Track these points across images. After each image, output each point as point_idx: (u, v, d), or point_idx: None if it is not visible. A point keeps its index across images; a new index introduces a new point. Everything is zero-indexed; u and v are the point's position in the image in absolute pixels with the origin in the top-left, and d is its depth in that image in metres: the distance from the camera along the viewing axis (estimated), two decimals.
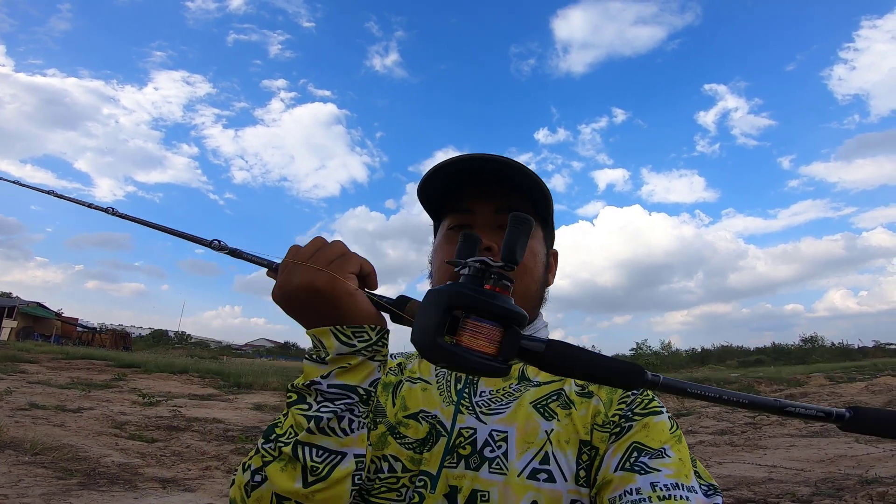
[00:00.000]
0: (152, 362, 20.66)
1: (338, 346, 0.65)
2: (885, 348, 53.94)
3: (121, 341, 45.24)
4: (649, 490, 0.67)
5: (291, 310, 0.68)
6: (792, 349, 55.93)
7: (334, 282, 0.63)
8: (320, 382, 0.66)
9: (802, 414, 0.49)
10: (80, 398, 11.60)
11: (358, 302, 0.65)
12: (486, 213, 0.89)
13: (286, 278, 0.66)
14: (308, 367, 0.68)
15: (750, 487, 5.56)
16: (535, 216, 0.90)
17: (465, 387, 0.86)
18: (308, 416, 0.65)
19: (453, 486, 0.75)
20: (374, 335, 0.67)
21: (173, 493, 5.49)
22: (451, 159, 0.86)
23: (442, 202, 0.95)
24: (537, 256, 0.90)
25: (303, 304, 0.66)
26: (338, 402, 0.65)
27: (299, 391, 0.68)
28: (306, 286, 0.64)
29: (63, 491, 5.18)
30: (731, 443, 8.75)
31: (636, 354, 57.30)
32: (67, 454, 6.61)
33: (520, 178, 0.87)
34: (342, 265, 0.65)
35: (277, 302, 0.68)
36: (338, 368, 0.66)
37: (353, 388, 0.66)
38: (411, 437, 0.82)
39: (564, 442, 0.77)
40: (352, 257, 0.66)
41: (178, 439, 8.29)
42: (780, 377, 21.77)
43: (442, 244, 0.93)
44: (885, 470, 5.64)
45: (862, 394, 16.14)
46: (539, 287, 0.91)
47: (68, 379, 15.24)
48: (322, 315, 0.66)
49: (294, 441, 0.65)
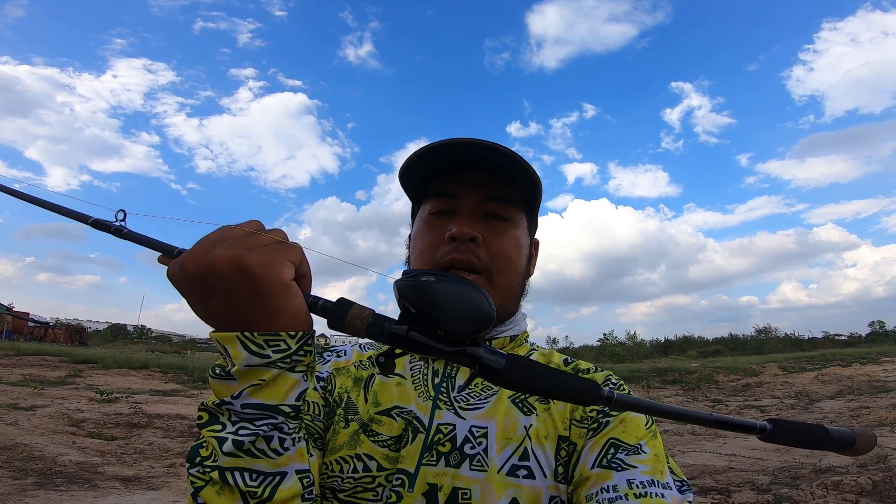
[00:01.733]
0: (110, 358, 19.89)
1: (246, 357, 0.53)
2: (834, 339, 56.67)
3: (76, 336, 43.52)
4: (626, 487, 0.67)
5: (200, 294, 0.53)
6: (747, 340, 58.21)
7: (269, 264, 0.50)
8: (232, 403, 0.54)
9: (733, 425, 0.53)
10: (32, 395, 11.12)
11: (291, 296, 0.52)
12: (472, 200, 0.84)
13: (203, 250, 0.52)
14: (214, 385, 0.56)
15: (712, 476, 5.76)
16: (522, 206, 0.88)
17: (443, 381, 0.83)
18: (221, 437, 0.55)
19: (432, 485, 0.72)
20: (294, 343, 0.54)
21: (136, 492, 5.33)
22: (441, 141, 0.81)
23: (425, 184, 0.89)
24: (521, 249, 0.87)
25: (219, 289, 0.51)
26: (259, 423, 0.55)
27: (210, 410, 0.57)
28: (231, 262, 0.50)
29: (19, 491, 4.97)
30: (694, 432, 9.03)
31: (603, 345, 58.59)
32: (22, 453, 6.34)
33: (511, 166, 0.82)
34: (282, 250, 0.52)
35: (180, 282, 0.53)
36: (250, 386, 0.54)
37: (274, 407, 0.55)
38: (385, 435, 0.78)
39: (543, 437, 0.76)
40: (294, 246, 0.54)
41: (139, 436, 8.04)
42: (736, 367, 22.61)
43: (423, 230, 0.87)
44: (838, 460, 5.89)
45: (813, 383, 16.88)
46: (521, 280, 0.88)
47: (20, 376, 14.58)
48: (240, 308, 0.52)
49: (216, 466, 0.55)
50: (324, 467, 0.77)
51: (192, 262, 0.52)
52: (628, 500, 0.65)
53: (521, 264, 0.87)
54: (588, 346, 61.96)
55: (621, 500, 0.66)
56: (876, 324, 63.40)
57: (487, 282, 0.81)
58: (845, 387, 15.14)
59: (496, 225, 0.83)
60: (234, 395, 0.54)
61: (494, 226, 0.83)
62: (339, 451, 0.77)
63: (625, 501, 0.65)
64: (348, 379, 0.87)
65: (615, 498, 0.66)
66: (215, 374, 0.56)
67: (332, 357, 0.91)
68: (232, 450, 0.54)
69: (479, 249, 0.81)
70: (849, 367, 20.43)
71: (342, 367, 0.89)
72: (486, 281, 0.81)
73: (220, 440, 0.54)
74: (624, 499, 0.66)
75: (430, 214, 0.86)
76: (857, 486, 4.71)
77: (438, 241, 0.82)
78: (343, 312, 0.54)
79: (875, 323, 63.64)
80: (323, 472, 0.77)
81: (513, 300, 0.87)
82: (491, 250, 0.81)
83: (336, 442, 0.78)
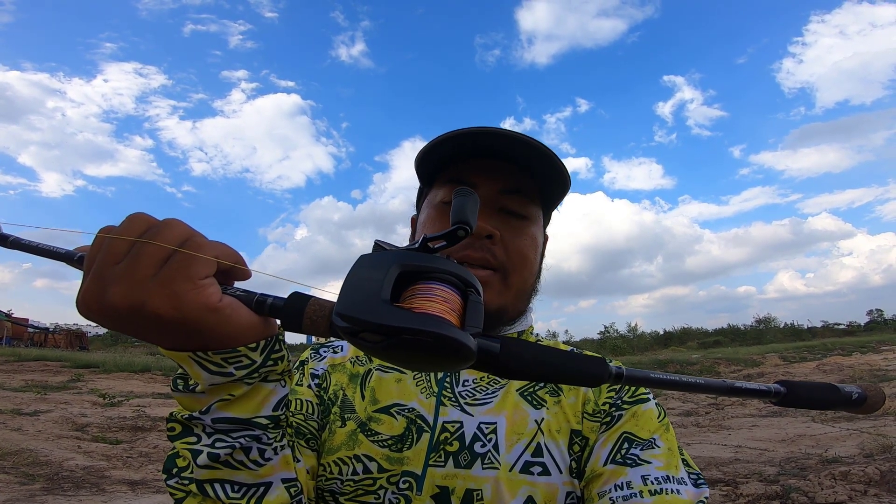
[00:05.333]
0: (111, 362, 19.86)
1: (207, 377, 0.46)
2: (833, 328, 56.77)
3: (76, 341, 43.35)
4: (640, 484, 0.66)
5: (124, 330, 0.44)
6: (747, 330, 58.33)
7: (180, 301, 0.40)
8: (201, 418, 0.49)
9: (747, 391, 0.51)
10: (36, 401, 11.07)
11: (227, 318, 0.43)
12: (489, 192, 0.78)
13: (97, 288, 0.41)
14: (179, 399, 0.51)
15: (719, 468, 5.76)
16: (539, 200, 0.84)
17: (447, 375, 0.79)
18: (195, 450, 0.50)
19: (443, 487, 0.69)
20: (258, 356, 0.47)
21: (143, 496, 5.32)
22: (464, 129, 0.76)
23: (438, 168, 0.84)
24: (538, 247, 0.84)
25: (139, 328, 0.43)
26: (235, 436, 0.50)
27: (181, 423, 0.52)
28: (135, 310, 0.40)
29: (27, 497, 4.95)
30: (698, 424, 9.03)
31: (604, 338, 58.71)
32: (28, 459, 6.31)
33: (536, 159, 0.77)
34: (186, 269, 0.41)
35: (94, 319, 0.43)
36: (218, 402, 0.48)
37: (248, 420, 0.50)
38: (385, 434, 0.74)
39: (556, 431, 0.74)
40: (201, 249, 0.42)
41: (144, 440, 8.02)
42: (737, 358, 22.63)
43: (434, 219, 0.81)
44: (844, 449, 5.91)
45: (814, 373, 16.91)
46: (535, 279, 0.86)
47: (22, 382, 14.54)
48: (179, 340, 0.44)
49: (193, 479, 0.52)
50: (321, 469, 0.74)
51: (89, 309, 0.42)
52: (643, 497, 0.64)
53: (537, 263, 0.85)
54: (588, 339, 62.19)
55: (636, 498, 0.65)
56: (875, 312, 63.64)
57: (502, 280, 0.78)
58: (847, 376, 15.14)
59: (514, 222, 0.80)
60: (202, 411, 0.49)
61: (512, 223, 0.79)
62: (336, 452, 0.74)
63: (640, 499, 0.64)
64: (344, 375, 0.83)
65: (630, 495, 0.65)
66: (178, 388, 0.50)
67: (328, 353, 0.88)
68: (207, 462, 0.50)
69: (496, 247, 0.77)
70: (849, 357, 20.45)
71: (338, 364, 0.85)
72: (500, 279, 0.78)
73: (195, 453, 0.50)
74: (639, 496, 0.65)
75: (442, 202, 0.81)
76: (865, 475, 4.72)
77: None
78: (298, 309, 0.44)
79: (874, 311, 63.89)
80: (321, 474, 0.74)
81: (525, 300, 0.84)
82: (507, 248, 0.78)
83: (333, 442, 0.75)
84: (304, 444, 0.73)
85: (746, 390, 0.51)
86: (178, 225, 0.43)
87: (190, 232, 0.43)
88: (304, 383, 0.82)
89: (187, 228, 0.43)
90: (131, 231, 0.42)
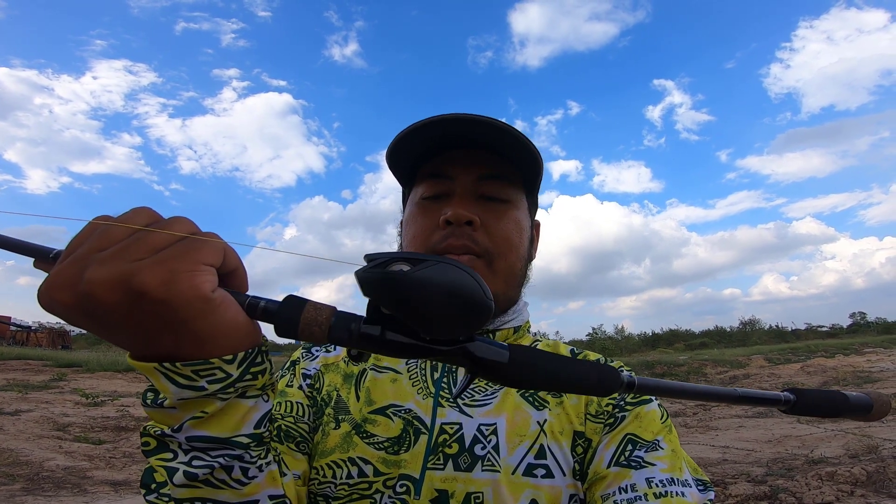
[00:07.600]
0: (95, 361, 19.58)
1: (175, 392, 0.41)
2: (817, 330, 57.73)
3: (59, 340, 42.81)
4: (645, 486, 0.64)
5: (90, 328, 0.39)
6: (733, 332, 59.16)
7: (174, 279, 0.36)
8: (174, 436, 0.44)
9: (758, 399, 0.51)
10: (16, 400, 10.88)
11: (218, 311, 0.39)
12: (467, 181, 0.77)
13: (73, 271, 0.37)
14: (150, 414, 0.46)
15: (707, 468, 5.79)
16: (522, 185, 0.82)
17: (443, 376, 0.76)
18: (171, 468, 0.45)
19: (442, 491, 0.67)
20: (235, 369, 0.42)
21: (126, 496, 5.23)
22: (431, 118, 0.73)
23: (416, 166, 0.81)
24: (523, 231, 0.81)
25: (112, 321, 0.37)
26: (214, 455, 0.45)
27: (156, 438, 0.46)
28: (117, 285, 0.35)
29: (6, 497, 4.87)
30: (686, 424, 9.10)
31: (592, 339, 59.15)
32: (8, 458, 6.20)
33: (508, 142, 0.75)
34: (192, 251, 0.38)
35: (58, 314, 0.38)
36: (190, 419, 0.43)
37: (227, 440, 0.44)
38: (381, 436, 0.71)
39: (559, 433, 0.72)
40: (206, 241, 0.39)
41: (127, 440, 7.90)
42: (723, 359, 22.88)
43: (416, 216, 0.79)
44: (830, 450, 5.98)
45: (798, 374, 17.13)
46: (524, 264, 0.82)
47: (3, 380, 14.30)
48: (151, 339, 0.39)
49: (171, 497, 0.47)
50: (313, 472, 0.71)
51: (61, 292, 0.37)
52: (648, 500, 0.63)
53: (524, 247, 0.81)
54: (577, 340, 62.55)
55: (641, 501, 0.63)
56: (857, 315, 64.75)
57: (487, 266, 0.75)
58: (830, 377, 15.35)
59: (494, 207, 0.77)
60: (174, 428, 0.44)
61: (492, 207, 0.77)
62: (330, 455, 0.71)
63: (644, 501, 0.63)
64: (337, 375, 0.80)
65: (634, 498, 0.63)
66: (146, 403, 0.45)
67: (320, 352, 0.85)
68: (184, 482, 0.45)
69: (477, 233, 0.74)
70: (832, 359, 20.77)
71: (331, 363, 0.82)
72: (485, 265, 0.75)
73: (171, 471, 0.45)
74: (643, 499, 0.63)
75: (422, 198, 0.79)
76: (852, 476, 4.76)
77: (432, 226, 0.76)
78: (294, 315, 0.40)
79: (856, 314, 65.02)
80: (313, 477, 0.71)
81: (515, 286, 0.81)
82: (490, 233, 0.75)
83: (326, 445, 0.72)
84: (294, 448, 0.71)
85: (758, 398, 0.51)
86: (187, 221, 0.40)
87: (194, 226, 0.41)
88: (294, 384, 0.80)
89: (193, 224, 0.41)
90: (135, 222, 0.39)
